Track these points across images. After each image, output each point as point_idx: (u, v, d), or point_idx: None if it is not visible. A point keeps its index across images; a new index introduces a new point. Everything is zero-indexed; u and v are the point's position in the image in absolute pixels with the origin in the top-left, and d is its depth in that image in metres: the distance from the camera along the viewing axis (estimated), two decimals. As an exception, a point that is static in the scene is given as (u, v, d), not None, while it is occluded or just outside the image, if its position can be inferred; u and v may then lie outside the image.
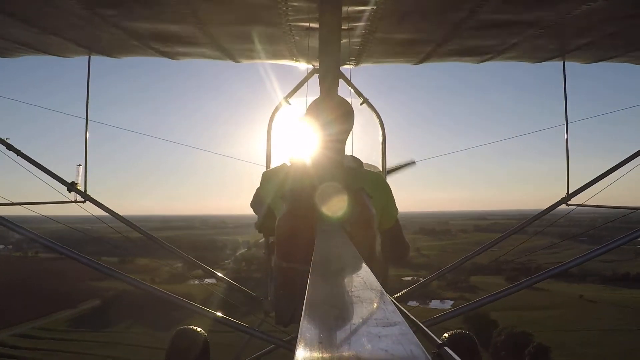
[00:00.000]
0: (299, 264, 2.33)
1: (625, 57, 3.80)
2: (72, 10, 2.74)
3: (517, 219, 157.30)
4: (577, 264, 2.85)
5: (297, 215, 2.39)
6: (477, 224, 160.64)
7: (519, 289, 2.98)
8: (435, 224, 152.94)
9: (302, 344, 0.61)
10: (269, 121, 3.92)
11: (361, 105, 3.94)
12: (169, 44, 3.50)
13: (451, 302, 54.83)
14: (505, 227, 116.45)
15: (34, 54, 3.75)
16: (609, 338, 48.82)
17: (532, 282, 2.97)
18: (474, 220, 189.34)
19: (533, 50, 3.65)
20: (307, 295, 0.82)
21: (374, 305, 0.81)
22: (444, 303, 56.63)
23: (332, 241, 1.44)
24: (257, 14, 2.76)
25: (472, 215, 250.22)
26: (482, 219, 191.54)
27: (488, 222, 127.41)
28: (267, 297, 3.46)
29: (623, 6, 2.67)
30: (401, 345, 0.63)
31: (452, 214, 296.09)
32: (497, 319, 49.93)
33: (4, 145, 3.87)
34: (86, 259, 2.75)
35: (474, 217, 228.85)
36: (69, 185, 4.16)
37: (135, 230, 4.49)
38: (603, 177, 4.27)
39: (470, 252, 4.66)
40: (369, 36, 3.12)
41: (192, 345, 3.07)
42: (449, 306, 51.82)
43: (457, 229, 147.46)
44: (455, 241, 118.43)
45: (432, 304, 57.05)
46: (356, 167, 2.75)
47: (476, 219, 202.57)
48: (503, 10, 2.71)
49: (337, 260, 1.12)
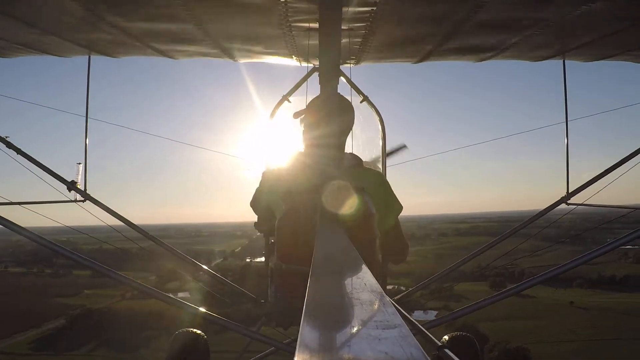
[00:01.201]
0: (299, 265, 2.33)
1: (626, 56, 3.80)
2: (72, 11, 2.74)
3: (497, 222, 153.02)
4: (577, 265, 2.83)
5: (297, 216, 2.38)
6: (457, 228, 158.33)
7: (522, 289, 2.97)
8: (415, 228, 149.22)
9: (301, 347, 0.61)
10: (269, 119, 3.91)
11: (361, 104, 3.94)
12: (168, 43, 3.50)
13: (435, 313, 50.91)
14: (486, 230, 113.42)
15: (34, 54, 3.75)
16: (610, 349, 45.48)
17: (531, 284, 2.95)
18: (454, 223, 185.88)
19: (533, 49, 3.64)
20: (307, 297, 0.81)
21: (374, 308, 0.81)
22: (427, 314, 51.76)
23: (332, 242, 1.43)
24: (257, 14, 2.76)
25: (451, 219, 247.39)
26: (462, 222, 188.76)
27: (468, 225, 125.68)
28: (267, 298, 3.45)
29: (623, 5, 2.67)
30: (401, 347, 0.62)
31: (430, 218, 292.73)
32: (486, 332, 46.49)
33: (3, 144, 3.87)
34: (88, 261, 2.76)
35: (454, 220, 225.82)
36: (69, 184, 4.15)
37: (136, 231, 4.49)
38: (602, 176, 4.27)
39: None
40: (369, 35, 3.12)
41: (192, 348, 3.06)
42: (432, 317, 47.64)
43: (437, 233, 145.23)
44: (437, 246, 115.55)
45: (415, 314, 51.49)
46: (356, 165, 2.75)
47: (456, 222, 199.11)
48: (503, 9, 2.70)
49: (337, 262, 1.12)
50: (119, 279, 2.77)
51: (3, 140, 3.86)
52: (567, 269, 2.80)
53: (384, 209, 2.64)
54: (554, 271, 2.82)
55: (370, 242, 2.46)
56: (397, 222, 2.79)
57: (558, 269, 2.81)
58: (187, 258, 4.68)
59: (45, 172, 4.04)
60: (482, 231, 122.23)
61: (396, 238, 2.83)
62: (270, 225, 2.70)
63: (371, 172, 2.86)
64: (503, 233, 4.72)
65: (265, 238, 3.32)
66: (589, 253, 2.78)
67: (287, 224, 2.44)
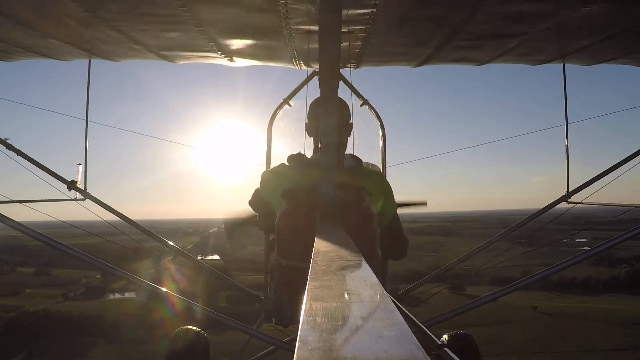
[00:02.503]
0: (298, 261, 2.34)
1: (625, 59, 3.81)
2: (73, 14, 2.75)
3: (450, 221, 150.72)
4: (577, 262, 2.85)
5: (297, 213, 2.40)
6: (410, 227, 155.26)
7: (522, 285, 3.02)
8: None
9: (301, 345, 0.62)
10: (269, 122, 3.93)
11: (361, 107, 3.96)
12: (168, 47, 3.51)
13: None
14: (439, 230, 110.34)
15: (35, 57, 3.76)
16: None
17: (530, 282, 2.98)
18: (405, 223, 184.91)
19: (533, 53, 3.65)
20: (306, 295, 0.82)
21: (374, 305, 0.81)
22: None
23: (332, 239, 1.44)
24: (257, 18, 2.77)
25: (404, 218, 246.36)
26: (414, 222, 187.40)
27: (421, 224, 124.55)
28: (266, 295, 3.46)
29: (622, 8, 2.68)
30: (401, 346, 0.63)
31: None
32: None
33: (4, 146, 3.88)
34: (86, 256, 2.77)
35: (405, 219, 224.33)
36: (69, 184, 4.18)
37: (137, 229, 4.51)
38: (603, 175, 4.29)
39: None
40: (369, 39, 3.13)
41: (192, 346, 3.07)
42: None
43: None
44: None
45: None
46: (356, 166, 2.77)
47: (408, 221, 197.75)
48: (502, 13, 2.71)
49: (338, 258, 1.12)
50: (125, 277, 2.80)
51: (3, 142, 3.88)
52: (563, 268, 2.83)
53: (383, 207, 2.67)
54: (552, 269, 2.85)
55: (371, 240, 2.48)
56: (396, 218, 2.82)
57: (556, 267, 2.84)
58: (189, 255, 4.71)
59: (45, 173, 4.06)
60: (435, 230, 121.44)
61: (396, 235, 2.86)
62: (270, 223, 2.72)
63: (371, 172, 2.89)
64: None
65: (265, 236, 3.35)
66: (587, 251, 2.81)
67: (288, 220, 2.46)
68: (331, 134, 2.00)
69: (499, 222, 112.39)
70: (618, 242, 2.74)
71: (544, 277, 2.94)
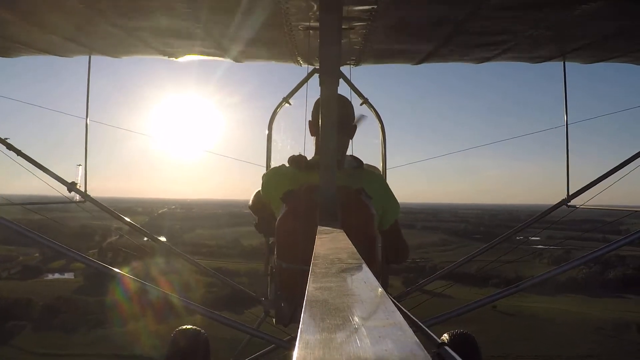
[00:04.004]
0: (298, 264, 2.33)
1: (626, 57, 3.80)
2: (73, 10, 2.74)
3: (403, 212, 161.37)
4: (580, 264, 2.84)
5: (296, 216, 2.39)
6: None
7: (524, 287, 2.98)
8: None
9: (301, 344, 0.61)
10: (269, 122, 3.92)
11: (361, 106, 3.96)
12: (169, 43, 3.50)
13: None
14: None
15: (35, 53, 3.75)
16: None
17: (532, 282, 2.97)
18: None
19: (533, 51, 3.65)
20: (306, 295, 0.82)
21: (374, 305, 0.81)
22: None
23: (332, 242, 1.43)
24: (257, 14, 2.77)
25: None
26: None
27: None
28: (267, 297, 3.46)
29: (623, 6, 2.68)
30: (402, 345, 0.63)
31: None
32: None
33: (4, 145, 3.88)
34: (84, 258, 2.76)
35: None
36: (69, 185, 4.16)
37: (137, 231, 4.51)
38: (603, 178, 4.27)
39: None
40: (369, 36, 3.12)
41: (192, 345, 3.06)
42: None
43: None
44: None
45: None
46: (357, 167, 2.77)
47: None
48: (503, 10, 2.71)
49: (337, 262, 1.12)
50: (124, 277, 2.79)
51: (3, 142, 3.87)
52: (562, 271, 2.82)
53: (384, 209, 2.66)
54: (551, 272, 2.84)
55: (371, 242, 2.47)
56: (396, 223, 2.81)
57: (555, 271, 2.84)
58: (188, 258, 4.69)
59: (45, 174, 4.05)
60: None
61: (396, 238, 2.84)
62: (270, 227, 2.71)
63: (371, 174, 2.88)
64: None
65: (265, 239, 3.34)
66: (584, 256, 2.80)
67: (287, 223, 2.45)
68: (331, 134, 2.00)
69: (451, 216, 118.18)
70: (615, 248, 2.74)
71: (544, 280, 2.93)
